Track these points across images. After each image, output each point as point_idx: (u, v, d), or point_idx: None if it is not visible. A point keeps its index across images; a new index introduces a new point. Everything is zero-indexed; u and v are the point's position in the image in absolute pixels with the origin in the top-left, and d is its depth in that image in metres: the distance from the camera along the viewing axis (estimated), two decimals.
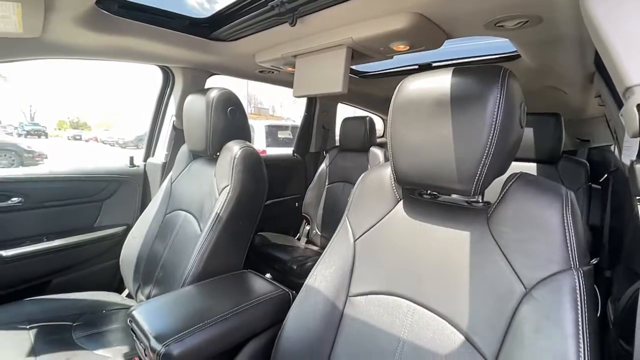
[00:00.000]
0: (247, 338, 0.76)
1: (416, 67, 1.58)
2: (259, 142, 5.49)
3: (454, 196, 0.70)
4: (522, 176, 0.59)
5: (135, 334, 0.69)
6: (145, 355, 0.66)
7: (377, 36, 0.84)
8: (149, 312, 0.72)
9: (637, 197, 0.41)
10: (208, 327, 0.69)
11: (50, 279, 1.22)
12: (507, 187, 0.59)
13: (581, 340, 0.45)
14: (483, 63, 1.44)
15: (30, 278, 1.18)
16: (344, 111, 2.33)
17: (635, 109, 0.38)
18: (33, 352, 0.86)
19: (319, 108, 2.09)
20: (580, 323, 0.46)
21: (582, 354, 0.44)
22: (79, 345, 0.93)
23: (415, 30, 0.80)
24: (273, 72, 1.42)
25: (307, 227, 2.05)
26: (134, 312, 0.72)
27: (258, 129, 5.77)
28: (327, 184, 2.02)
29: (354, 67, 1.75)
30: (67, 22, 0.84)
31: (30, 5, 0.71)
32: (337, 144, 2.11)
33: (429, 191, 0.74)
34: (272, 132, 5.72)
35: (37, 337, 0.92)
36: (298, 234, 2.10)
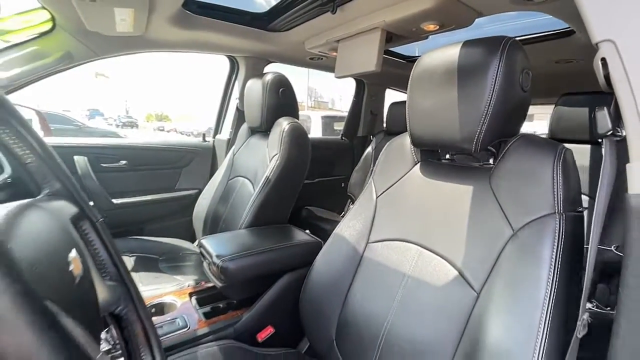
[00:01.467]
0: (284, 271, 0.94)
1: None
2: (315, 133, 5.70)
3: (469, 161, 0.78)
4: (522, 137, 0.65)
5: (202, 255, 0.92)
6: (209, 269, 0.89)
7: (408, 17, 0.93)
8: (213, 241, 0.94)
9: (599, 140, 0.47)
10: (254, 255, 0.88)
11: (144, 226, 1.57)
12: (507, 147, 0.66)
13: (552, 270, 0.52)
14: (537, 41, 1.39)
15: (130, 222, 1.53)
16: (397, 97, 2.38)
17: (599, 62, 0.44)
18: (134, 270, 1.17)
19: (367, 93, 2.19)
20: (554, 256, 0.53)
21: (550, 281, 0.51)
22: (163, 271, 1.22)
23: (442, 9, 0.87)
24: (321, 59, 1.57)
25: (352, 206, 2.18)
26: (202, 240, 0.95)
27: (315, 120, 5.97)
28: (372, 166, 2.12)
29: (401, 51, 1.82)
30: (162, 21, 1.10)
31: (139, 10, 0.96)
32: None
33: (447, 156, 0.83)
34: (328, 123, 5.85)
35: (136, 262, 1.24)
36: (343, 212, 2.25)
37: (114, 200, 1.44)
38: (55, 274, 0.30)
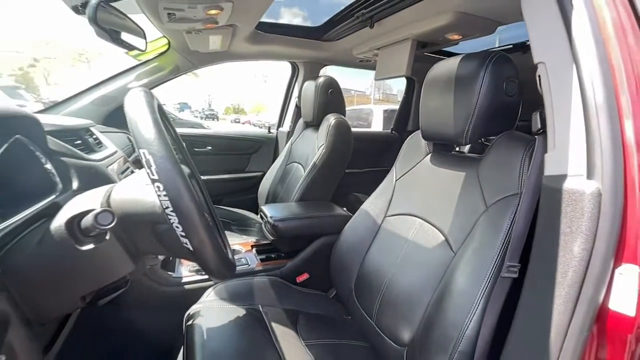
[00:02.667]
0: (320, 234, 1.21)
1: (510, 46, 1.63)
2: (376, 126, 5.79)
3: (471, 153, 0.93)
4: (507, 133, 0.80)
5: (261, 217, 1.25)
6: (265, 227, 1.20)
7: (432, 30, 1.09)
8: (270, 207, 1.26)
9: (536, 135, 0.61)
10: (298, 219, 1.17)
11: (221, 198, 2.01)
12: (493, 142, 0.81)
13: (505, 235, 0.68)
14: None
15: (212, 195, 1.96)
16: None
17: (538, 78, 0.60)
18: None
19: (416, 90, 2.30)
20: (509, 225, 0.69)
21: (501, 242, 0.68)
22: (235, 232, 1.59)
23: (460, 23, 1.02)
24: (369, 61, 1.78)
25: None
26: (262, 207, 1.28)
27: (376, 113, 6.07)
28: None
29: (452, 49, 1.91)
30: (240, 40, 1.44)
31: (225, 35, 1.31)
32: None
33: (457, 149, 0.99)
34: (390, 117, 5.89)
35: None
36: None
37: (202, 177, 1.88)
38: None
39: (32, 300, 0.48)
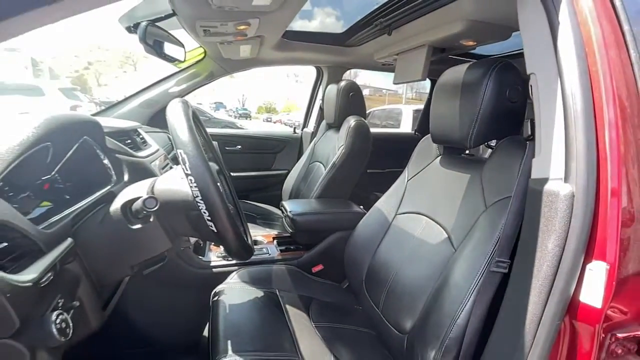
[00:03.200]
0: (335, 229, 1.30)
1: None
2: (405, 127, 5.74)
3: (482, 155, 0.97)
4: (509, 138, 0.83)
5: (282, 211, 1.36)
6: (285, 221, 1.31)
7: (447, 37, 1.14)
8: (291, 203, 1.37)
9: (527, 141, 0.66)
10: (316, 214, 1.27)
11: (249, 193, 2.15)
12: (497, 146, 0.85)
13: (499, 233, 0.73)
14: None
15: (240, 190, 2.11)
16: None
17: (530, 86, 0.64)
18: None
19: None
20: (504, 224, 0.73)
21: (495, 240, 0.72)
22: (259, 225, 1.72)
23: (473, 30, 1.06)
24: (391, 65, 1.83)
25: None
26: (283, 202, 1.39)
27: (406, 113, 6.00)
28: None
29: (474, 52, 1.91)
30: (268, 48, 1.56)
31: (254, 45, 1.43)
32: None
33: (467, 151, 1.04)
34: (419, 117, 5.78)
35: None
36: None
37: (231, 174, 2.04)
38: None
39: (95, 265, 0.62)
